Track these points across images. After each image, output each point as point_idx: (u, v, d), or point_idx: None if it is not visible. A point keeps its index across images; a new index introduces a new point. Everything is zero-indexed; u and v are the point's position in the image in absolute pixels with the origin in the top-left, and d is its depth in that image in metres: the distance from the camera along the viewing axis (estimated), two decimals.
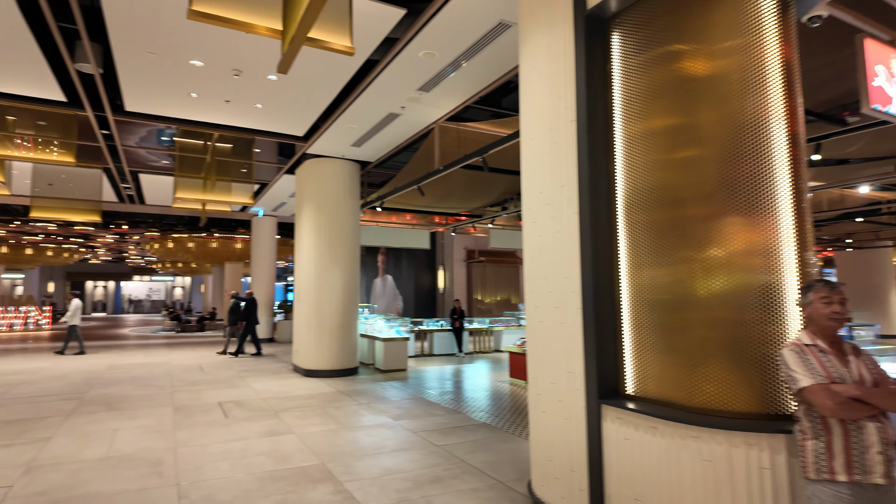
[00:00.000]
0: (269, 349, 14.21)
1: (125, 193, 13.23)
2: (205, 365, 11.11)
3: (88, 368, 10.54)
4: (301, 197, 10.18)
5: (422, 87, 6.57)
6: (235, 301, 12.54)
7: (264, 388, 8.32)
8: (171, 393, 7.92)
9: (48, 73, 6.09)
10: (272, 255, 16.90)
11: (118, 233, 20.27)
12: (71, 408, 6.87)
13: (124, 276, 42.66)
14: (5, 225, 17.88)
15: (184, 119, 7.70)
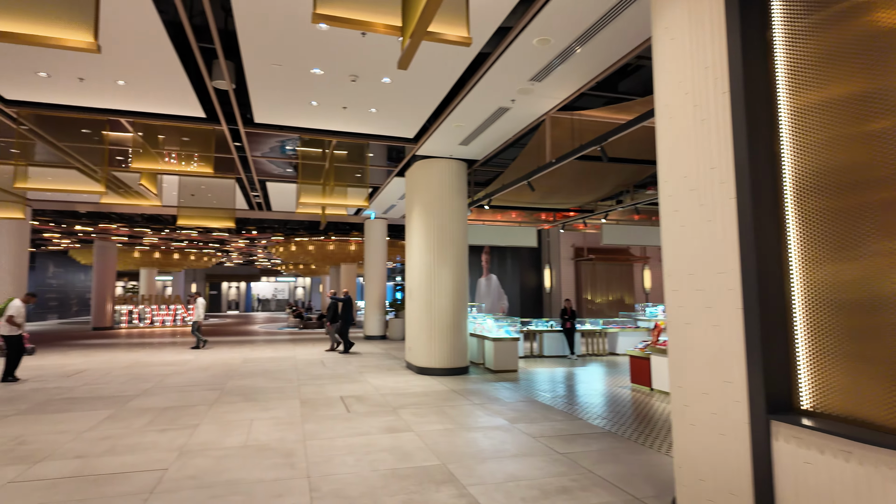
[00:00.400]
0: (381, 346, 14.70)
1: (254, 201, 14.42)
2: (326, 360, 11.73)
3: (227, 361, 11.60)
4: (411, 198, 10.36)
5: (534, 77, 6.32)
6: (333, 301, 13.31)
7: (381, 384, 8.55)
8: (297, 386, 8.41)
9: (191, 91, 6.72)
10: (383, 255, 17.52)
11: (248, 238, 22.25)
12: (214, 397, 7.53)
13: (253, 277, 46.99)
14: (157, 232, 20.38)
15: (305, 128, 8.13)
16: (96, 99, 6.90)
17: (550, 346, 12.41)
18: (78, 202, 14.54)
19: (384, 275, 17.54)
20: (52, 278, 30.75)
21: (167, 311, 24.63)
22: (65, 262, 32.00)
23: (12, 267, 14.08)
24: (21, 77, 6.25)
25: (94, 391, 7.98)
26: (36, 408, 6.79)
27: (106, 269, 22.73)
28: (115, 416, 6.31)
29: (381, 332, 17.19)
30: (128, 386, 8.44)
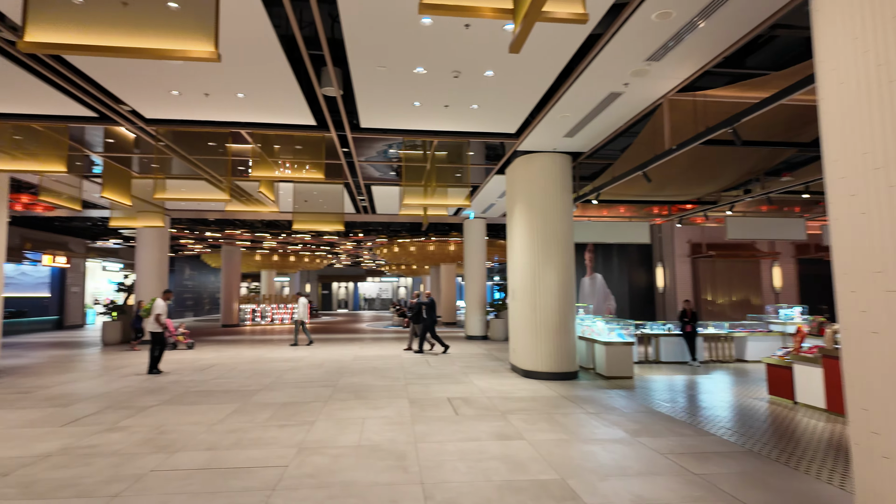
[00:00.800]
0: (483, 347, 14.54)
1: (360, 205, 14.96)
2: (430, 360, 11.81)
3: (338, 358, 12.09)
4: (512, 196, 10.06)
5: (651, 57, 5.75)
6: (417, 303, 13.43)
7: (487, 387, 8.36)
8: (405, 385, 8.48)
9: (302, 100, 6.98)
10: (482, 255, 17.38)
11: (355, 240, 23.25)
12: (327, 394, 7.80)
13: (360, 277, 49.33)
14: (275, 237, 21.95)
15: (408, 129, 8.17)
16: (220, 112, 7.43)
17: (668, 351, 11.46)
18: (207, 210, 16.02)
19: (484, 274, 17.39)
20: (187, 280, 34.46)
21: (285, 309, 26.52)
22: (198, 266, 35.72)
23: (155, 269, 15.87)
24: (157, 97, 6.87)
25: (222, 385, 8.63)
26: (175, 399, 7.45)
27: (232, 271, 24.94)
28: (240, 410, 6.72)
29: (482, 332, 17.05)
30: (251, 381, 9.04)
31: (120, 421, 6.11)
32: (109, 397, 7.52)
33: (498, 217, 16.95)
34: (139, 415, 6.44)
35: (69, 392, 7.90)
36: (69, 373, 9.87)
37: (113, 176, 10.10)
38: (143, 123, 7.79)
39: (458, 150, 9.14)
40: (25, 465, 4.56)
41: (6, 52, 5.70)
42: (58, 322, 22.14)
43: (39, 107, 7.18)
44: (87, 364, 11.17)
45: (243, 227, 20.65)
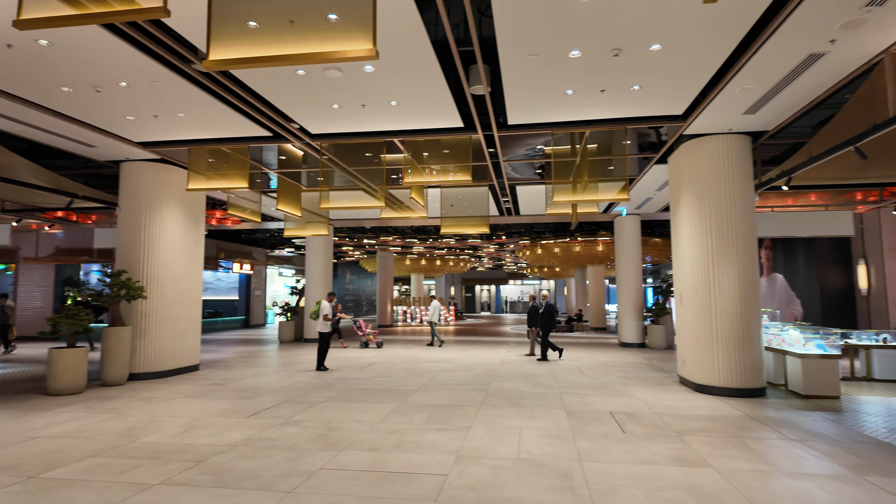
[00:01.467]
0: (641, 356, 13.34)
1: (504, 207, 14.76)
2: (583, 367, 11.12)
3: (487, 361, 11.98)
4: (677, 187, 9.00)
5: (872, 2, 4.60)
6: (532, 307, 12.91)
7: (653, 401, 7.51)
8: (559, 394, 7.99)
9: (451, 102, 6.94)
10: (637, 255, 16.06)
11: (498, 242, 23.20)
12: (480, 398, 7.64)
13: (502, 280, 49.48)
14: (423, 242, 22.82)
15: (558, 122, 7.71)
16: (375, 122, 7.72)
17: (884, 366, 9.34)
18: (364, 219, 17.13)
19: (639, 276, 16.05)
20: (348, 284, 37.60)
21: None
22: (357, 271, 38.79)
23: (321, 275, 17.38)
24: (321, 112, 7.35)
25: (381, 383, 8.97)
26: (340, 396, 7.88)
27: (386, 275, 26.53)
28: (399, 410, 6.85)
29: (639, 339, 15.72)
30: (407, 380, 9.28)
31: (294, 415, 6.58)
32: (286, 391, 8.22)
33: (654, 213, 15.53)
34: (310, 410, 6.89)
35: (254, 385, 8.83)
36: (254, 367, 11.11)
37: (286, 190, 11.19)
38: (309, 139, 8.43)
39: (613, 140, 8.41)
40: (218, 452, 5.05)
41: (203, 86, 6.50)
42: (244, 321, 25.54)
43: (227, 130, 8.15)
44: (268, 360, 12.51)
45: (395, 233, 21.80)
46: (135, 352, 9.34)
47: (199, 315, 10.70)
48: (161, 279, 9.71)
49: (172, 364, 9.80)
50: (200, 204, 10.83)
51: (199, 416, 6.57)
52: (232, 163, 9.09)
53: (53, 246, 18.98)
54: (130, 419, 6.38)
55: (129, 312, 9.42)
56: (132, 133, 8.27)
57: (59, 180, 9.59)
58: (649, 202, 14.02)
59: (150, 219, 9.71)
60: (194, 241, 10.57)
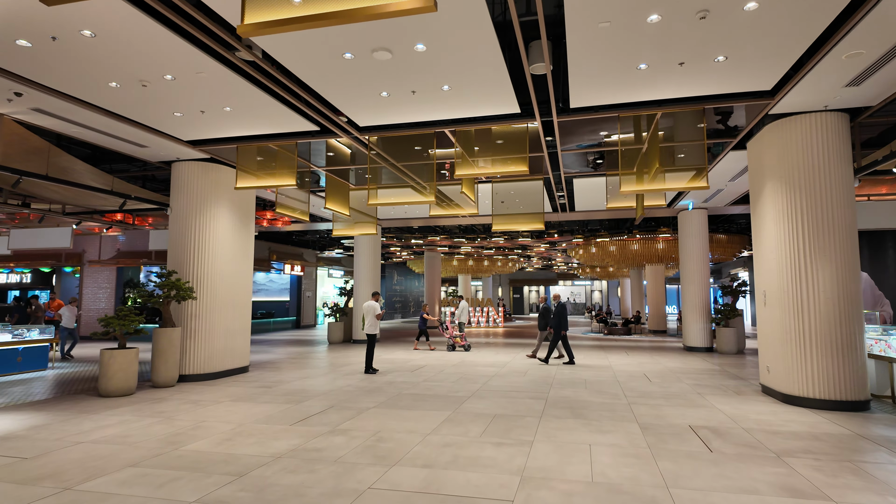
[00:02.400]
0: (710, 361, 12.27)
1: (558, 202, 14.02)
2: (648, 373, 10.26)
3: (543, 366, 11.29)
4: (759, 174, 8.06)
5: None
6: (545, 307, 12.39)
7: (737, 413, 6.66)
8: (628, 404, 7.26)
9: (507, 84, 6.38)
10: (703, 252, 14.91)
11: (549, 241, 22.35)
12: (539, 408, 7.02)
13: (551, 281, 48.23)
14: (471, 241, 22.28)
15: (626, 103, 7.00)
16: (425, 110, 7.25)
17: None
18: (412, 218, 16.78)
19: (706, 274, 14.89)
20: (396, 285, 37.56)
21: (480, 312, 26.92)
22: (404, 272, 38.71)
23: (369, 275, 17.16)
24: (369, 101, 6.95)
25: (432, 388, 8.50)
26: (389, 401, 7.45)
27: (433, 275, 26.17)
28: (452, 420, 6.33)
29: (707, 343, 14.57)
30: (459, 386, 8.76)
31: (342, 423, 6.19)
32: (334, 396, 7.88)
33: (723, 206, 14.36)
34: (358, 417, 6.49)
35: (302, 388, 8.54)
36: (303, 369, 10.90)
37: (334, 189, 10.93)
38: (357, 132, 8.07)
39: (687, 124, 7.59)
40: (262, 464, 4.68)
41: (249, 76, 6.23)
42: (296, 322, 25.80)
43: (274, 125, 7.90)
44: (317, 361, 12.30)
45: (443, 233, 21.37)
46: (185, 353, 9.28)
47: (249, 316, 10.59)
48: (211, 280, 9.62)
49: (222, 366, 9.69)
50: (250, 204, 10.72)
51: (246, 421, 6.29)
52: (280, 160, 8.86)
53: (115, 249, 19.69)
54: (176, 424, 6.16)
55: (180, 314, 9.37)
56: (181, 131, 8.16)
57: (115, 182, 9.68)
58: (719, 194, 12.92)
59: (200, 219, 9.64)
60: (244, 241, 10.46)
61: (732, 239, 20.11)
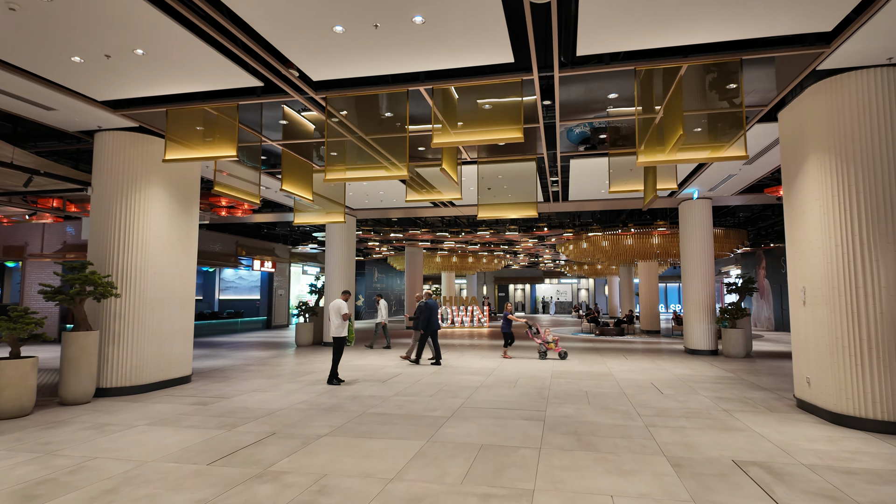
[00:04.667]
0: (719, 366, 10.97)
1: (551, 190, 12.61)
2: (656, 382, 8.90)
3: (534, 374, 9.87)
4: (797, 148, 6.72)
5: None
6: (420, 305, 11.45)
7: (784, 440, 5.30)
8: (645, 427, 5.85)
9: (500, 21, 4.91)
10: (707, 246, 13.63)
11: (538, 236, 20.98)
12: (537, 433, 5.57)
13: (537, 279, 47.01)
14: (455, 235, 20.81)
15: (648, 49, 5.59)
16: (394, 56, 5.74)
17: None
18: (390, 208, 15.25)
19: (711, 271, 13.62)
20: (377, 282, 35.93)
21: (465, 311, 25.45)
22: (385, 269, 37.10)
23: (342, 271, 15.55)
24: (320, 42, 5.43)
25: (404, 405, 7.00)
26: (348, 425, 5.94)
27: (415, 272, 24.65)
28: (425, 454, 4.84)
29: (710, 345, 13.31)
30: (436, 401, 7.29)
31: (278, 460, 4.66)
32: (281, 417, 6.34)
33: (730, 195, 13.09)
34: (303, 450, 4.96)
35: (244, 406, 6.99)
36: (255, 378, 9.32)
37: (293, 168, 9.36)
38: (312, 91, 6.53)
39: (717, 80, 6.19)
40: None
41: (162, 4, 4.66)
42: (266, 322, 24.06)
43: (206, 79, 6.33)
44: (277, 369, 10.72)
45: (425, 226, 19.88)
46: (105, 362, 7.65)
47: (191, 316, 8.97)
48: (140, 273, 7.99)
49: (155, 376, 8.07)
50: (193, 185, 9.10)
51: (151, 457, 4.73)
52: (219, 128, 7.28)
53: (62, 242, 17.80)
54: (54, 463, 4.58)
55: (99, 314, 7.73)
56: (91, 86, 6.54)
57: (18, 155, 7.99)
58: (729, 181, 11.63)
59: (127, 200, 8.00)
60: (185, 228, 8.83)
61: (729, 234, 18.97)
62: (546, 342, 12.45)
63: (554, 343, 12.44)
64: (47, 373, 9.96)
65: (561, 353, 12.28)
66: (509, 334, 12.72)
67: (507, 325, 12.75)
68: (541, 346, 12.47)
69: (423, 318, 11.22)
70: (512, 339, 12.71)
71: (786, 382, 8.92)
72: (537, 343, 12.70)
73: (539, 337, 12.67)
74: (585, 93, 6.86)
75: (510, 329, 12.74)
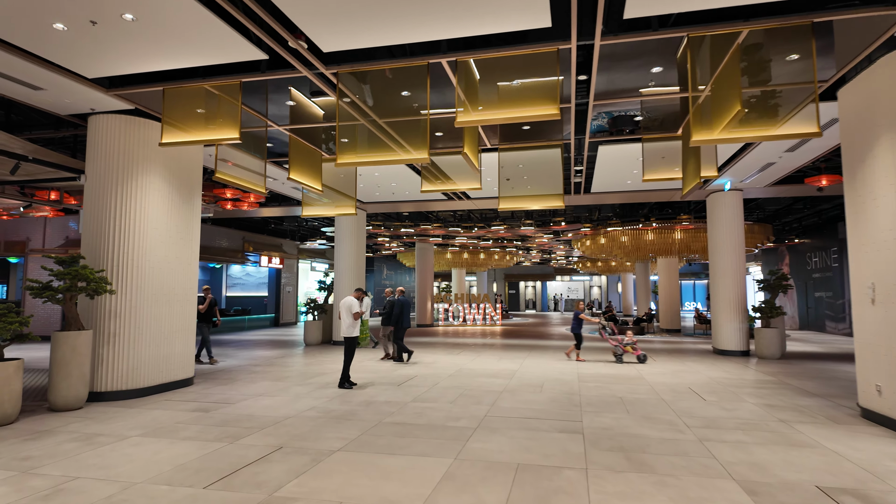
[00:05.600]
0: (757, 369, 10.23)
1: (573, 181, 11.90)
2: (693, 386, 8.20)
3: (558, 376, 9.19)
4: (861, 126, 5.99)
5: None
6: (389, 301, 11.35)
7: (865, 459, 4.59)
8: (699, 441, 5.16)
9: None
10: (738, 240, 12.87)
11: (554, 230, 20.25)
12: (578, 449, 4.90)
13: (548, 276, 46.22)
14: (467, 230, 20.12)
15: (705, 10, 4.88)
16: (414, 21, 5.07)
17: None
18: (402, 201, 14.60)
19: (742, 266, 12.85)
20: (386, 279, 35.32)
21: (476, 309, 24.78)
22: (395, 266, 36.49)
23: (352, 267, 14.92)
24: (332, 7, 4.77)
25: (423, 413, 6.36)
26: (364, 437, 5.30)
27: (425, 269, 24.01)
28: (454, 476, 4.19)
29: (742, 345, 12.55)
30: (459, 408, 6.64)
31: (286, 482, 4.03)
32: (288, 426, 5.71)
33: (763, 186, 12.31)
34: (314, 469, 4.33)
35: (249, 413, 6.37)
36: (262, 381, 8.71)
37: (300, 156, 8.73)
38: (322, 65, 5.88)
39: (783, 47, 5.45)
40: None
41: None
42: (274, 320, 23.52)
43: (206, 52, 5.69)
44: (284, 370, 10.12)
45: (436, 221, 19.23)
46: (100, 364, 7.06)
47: (193, 314, 8.38)
48: (137, 268, 7.40)
49: (152, 379, 7.49)
50: (195, 173, 8.49)
51: (140, 477, 4.11)
52: (221, 109, 6.64)
53: (64, 236, 17.33)
54: (31, 484, 3.98)
55: (93, 312, 7.15)
56: (79, 61, 5.93)
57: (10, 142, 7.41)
58: (767, 170, 10.85)
59: (122, 189, 7.41)
60: (186, 219, 8.24)
61: (753, 228, 18.12)
62: (623, 344, 11.35)
63: (632, 346, 11.33)
64: (43, 374, 9.42)
65: (640, 356, 11.10)
66: (580, 335, 11.63)
67: (579, 325, 11.65)
68: (617, 349, 11.37)
69: (394, 314, 10.97)
70: (580, 340, 11.61)
71: (837, 388, 8.19)
72: (612, 345, 11.61)
73: (615, 338, 11.67)
74: (625, 68, 6.15)
75: (581, 330, 11.65)
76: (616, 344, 11.48)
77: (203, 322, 10.88)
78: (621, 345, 11.35)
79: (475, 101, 6.21)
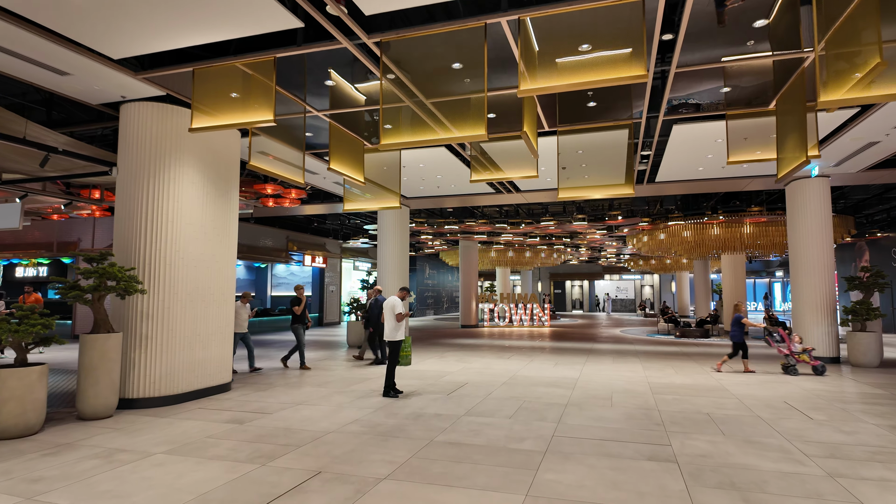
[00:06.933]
0: (858, 380, 8.86)
1: (636, 169, 10.80)
2: (789, 399, 7.04)
3: (624, 386, 8.18)
4: None
5: None
6: (374, 301, 10.75)
7: None
8: (831, 477, 4.11)
9: None
10: (825, 233, 11.39)
11: (608, 225, 19.02)
12: (677, 486, 3.96)
13: (596, 275, 44.50)
14: (515, 227, 19.16)
15: None
16: None
17: None
18: (447, 196, 13.85)
19: (830, 262, 11.39)
20: (428, 279, 34.73)
21: (523, 309, 23.74)
22: (437, 265, 35.86)
23: (396, 266, 14.28)
24: None
25: (480, 431, 5.53)
26: (414, 462, 4.52)
27: (469, 267, 23.22)
28: None
29: (832, 352, 11.10)
30: (520, 424, 5.78)
31: None
32: (328, 444, 5.01)
33: (856, 172, 10.85)
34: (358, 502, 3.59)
35: (287, 426, 5.72)
36: (302, 387, 8.12)
37: (341, 145, 8.09)
38: (364, 33, 5.16)
39: None
40: None
41: None
42: (318, 319, 23.25)
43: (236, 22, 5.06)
44: (326, 374, 9.53)
45: (482, 217, 18.39)
46: (131, 369, 6.60)
47: (231, 316, 7.87)
48: (171, 266, 6.92)
49: (188, 385, 6.99)
50: (231, 166, 7.99)
51: None
52: (254, 90, 6.03)
53: (111, 237, 17.48)
54: None
55: (124, 314, 6.70)
56: (101, 39, 5.43)
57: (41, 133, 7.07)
58: (864, 152, 9.46)
59: (155, 182, 6.94)
60: (223, 214, 7.73)
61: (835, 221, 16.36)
62: (794, 353, 9.66)
63: (807, 354, 9.61)
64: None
65: (818, 367, 9.35)
66: (744, 345, 9.87)
67: (741, 331, 9.92)
68: (789, 359, 9.67)
69: (373, 316, 10.62)
70: (745, 349, 9.88)
71: None
72: (782, 354, 9.91)
73: (784, 346, 9.94)
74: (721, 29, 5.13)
75: (743, 338, 9.87)
76: (786, 353, 9.74)
77: (299, 323, 10.17)
78: (793, 354, 9.65)
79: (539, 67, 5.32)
